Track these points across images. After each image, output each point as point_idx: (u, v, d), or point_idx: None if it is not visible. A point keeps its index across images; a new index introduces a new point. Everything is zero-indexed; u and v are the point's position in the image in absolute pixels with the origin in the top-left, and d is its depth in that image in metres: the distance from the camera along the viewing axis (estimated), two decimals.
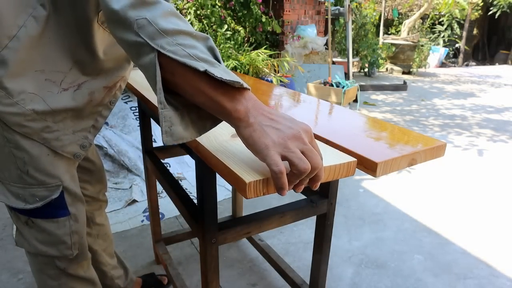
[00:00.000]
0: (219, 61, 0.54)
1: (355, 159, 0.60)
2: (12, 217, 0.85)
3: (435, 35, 10.15)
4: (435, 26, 10.26)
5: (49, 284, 0.93)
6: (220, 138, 0.65)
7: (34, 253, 0.87)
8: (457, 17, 9.55)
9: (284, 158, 0.48)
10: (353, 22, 6.68)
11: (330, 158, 0.59)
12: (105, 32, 0.76)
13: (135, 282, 1.38)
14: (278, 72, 3.59)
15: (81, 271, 0.96)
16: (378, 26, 8.25)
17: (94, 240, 1.17)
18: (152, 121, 1.38)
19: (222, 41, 3.64)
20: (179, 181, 2.37)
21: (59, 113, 0.77)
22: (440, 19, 10.25)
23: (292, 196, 1.90)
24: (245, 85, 0.51)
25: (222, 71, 0.51)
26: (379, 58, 6.95)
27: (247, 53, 3.46)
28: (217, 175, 0.67)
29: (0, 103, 0.69)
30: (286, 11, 4.77)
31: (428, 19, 9.67)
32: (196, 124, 0.57)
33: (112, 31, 0.58)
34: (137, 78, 1.25)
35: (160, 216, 1.93)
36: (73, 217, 0.86)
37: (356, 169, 0.61)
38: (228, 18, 4.10)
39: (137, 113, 2.60)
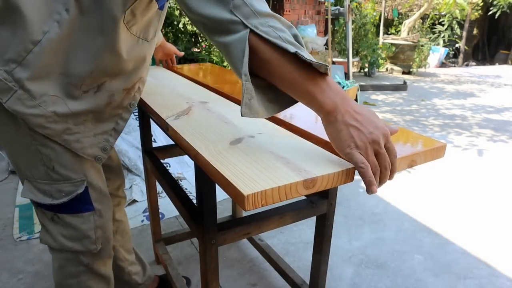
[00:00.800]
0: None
1: (353, 166, 0.59)
2: (38, 214, 0.87)
3: (435, 35, 10.15)
4: (435, 26, 10.25)
5: (67, 282, 0.94)
6: (219, 146, 0.65)
7: (59, 249, 0.89)
8: (457, 17, 9.54)
9: None
10: (353, 22, 6.68)
11: (329, 165, 0.58)
12: (129, 32, 0.77)
13: (153, 280, 1.39)
14: None
15: (103, 269, 0.97)
16: (378, 26, 8.25)
17: (112, 236, 1.18)
18: (151, 121, 1.38)
19: None
20: (179, 181, 2.37)
21: (80, 116, 0.78)
22: (441, 19, 10.25)
23: None
24: (327, 70, 0.57)
25: (309, 56, 0.56)
26: (379, 58, 6.94)
27: None
28: None
29: (23, 105, 0.71)
30: (286, 11, 4.77)
31: (428, 19, 9.67)
32: (271, 104, 0.63)
33: (195, 7, 0.61)
34: None
35: (160, 216, 1.93)
36: (98, 213, 0.89)
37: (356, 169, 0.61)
38: None
39: (137, 113, 2.61)
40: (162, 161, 1.55)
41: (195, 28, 3.77)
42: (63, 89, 0.74)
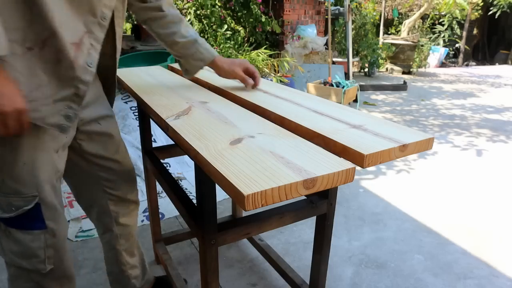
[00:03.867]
0: None
1: (353, 166, 0.59)
2: None
3: (435, 35, 10.14)
4: (435, 26, 10.24)
5: None
6: (219, 146, 0.65)
7: (9, 263, 0.86)
8: (457, 17, 9.54)
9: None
10: (353, 22, 6.68)
11: (329, 165, 0.58)
12: None
13: (151, 282, 1.38)
14: (278, 72, 3.60)
15: None
16: (378, 26, 8.24)
17: (116, 240, 1.16)
18: (151, 121, 1.38)
19: (222, 41, 3.64)
20: (179, 181, 2.37)
21: (31, 78, 0.73)
22: (441, 19, 10.25)
23: None
24: None
25: None
26: (379, 58, 6.94)
27: (247, 53, 3.46)
28: None
29: None
30: (286, 11, 4.76)
31: (428, 19, 9.66)
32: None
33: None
34: (135, 79, 1.25)
35: (160, 216, 1.93)
36: (50, 232, 0.84)
37: (357, 168, 0.61)
38: (228, 18, 4.09)
39: (137, 113, 2.60)
40: (162, 161, 1.55)
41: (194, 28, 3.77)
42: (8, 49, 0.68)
